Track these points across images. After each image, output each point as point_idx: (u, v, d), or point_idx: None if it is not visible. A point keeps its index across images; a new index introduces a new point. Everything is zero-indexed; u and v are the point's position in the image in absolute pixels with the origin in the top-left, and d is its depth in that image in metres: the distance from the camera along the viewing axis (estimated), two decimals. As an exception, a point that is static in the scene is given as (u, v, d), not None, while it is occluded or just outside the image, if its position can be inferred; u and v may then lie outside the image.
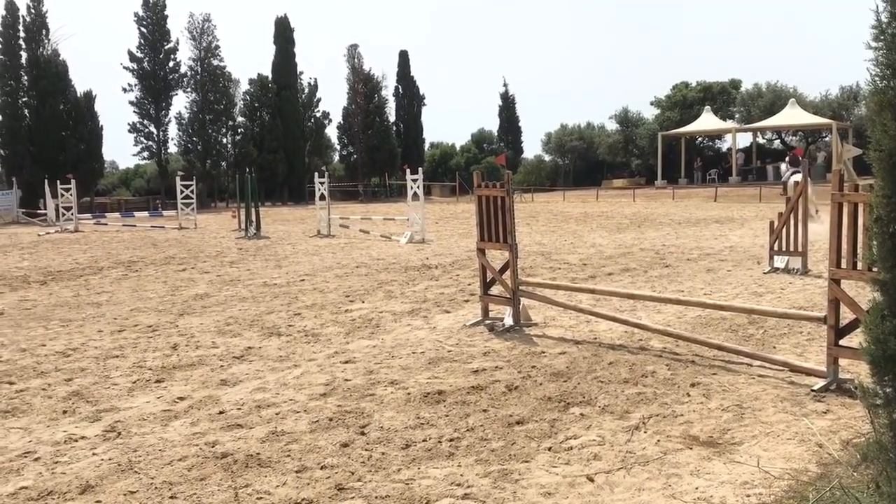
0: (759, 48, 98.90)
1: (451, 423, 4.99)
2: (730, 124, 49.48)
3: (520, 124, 67.82)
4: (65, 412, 5.57)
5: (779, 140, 52.99)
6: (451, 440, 4.68)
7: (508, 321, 7.87)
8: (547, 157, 63.57)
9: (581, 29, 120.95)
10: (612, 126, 59.60)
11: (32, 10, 46.94)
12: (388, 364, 6.62)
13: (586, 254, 14.46)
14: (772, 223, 11.62)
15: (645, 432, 4.72)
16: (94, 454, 4.65)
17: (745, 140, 51.06)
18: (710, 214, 24.53)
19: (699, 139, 53.18)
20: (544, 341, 7.28)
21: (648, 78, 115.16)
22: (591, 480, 4.04)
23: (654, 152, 48.55)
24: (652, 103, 56.85)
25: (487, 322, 8.07)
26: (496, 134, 68.91)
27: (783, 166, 32.01)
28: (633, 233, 18.83)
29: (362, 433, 4.85)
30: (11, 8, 46.12)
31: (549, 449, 4.51)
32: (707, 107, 48.92)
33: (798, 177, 29.71)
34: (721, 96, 53.15)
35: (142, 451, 4.67)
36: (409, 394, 5.67)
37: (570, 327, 7.87)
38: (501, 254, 10.27)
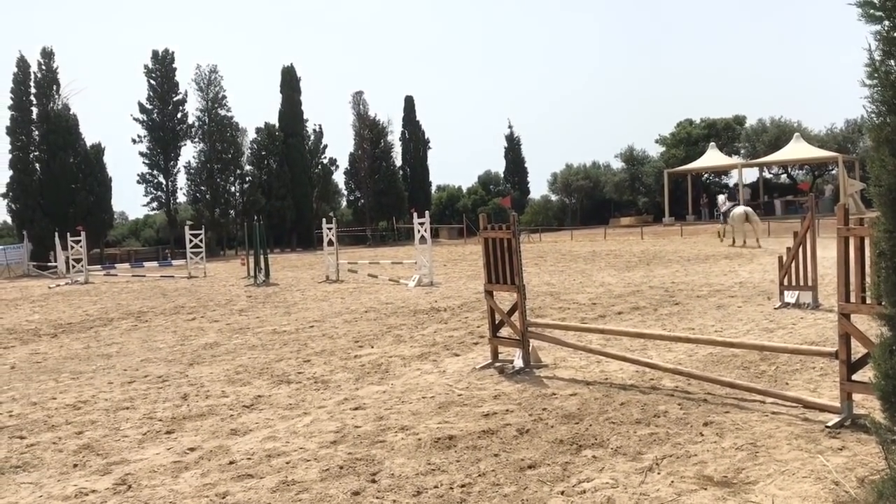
0: (763, 84, 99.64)
1: (463, 469, 4.95)
2: (735, 160, 49.70)
3: (525, 165, 68.29)
4: (75, 466, 5.55)
5: (785, 174, 53.11)
6: (463, 486, 4.64)
7: (518, 363, 7.84)
8: (554, 197, 63.84)
9: (584, 69, 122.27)
10: (617, 164, 59.97)
11: (43, 67, 47.84)
12: (398, 409, 6.59)
13: (595, 293, 14.43)
14: (781, 258, 11.60)
15: (658, 473, 4.67)
16: (104, 508, 4.63)
17: (751, 175, 51.20)
18: (718, 251, 24.49)
19: (705, 175, 53.36)
20: (555, 383, 7.24)
21: (653, 116, 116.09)
22: (606, 524, 3.99)
23: (661, 189, 48.70)
24: (657, 141, 57.25)
25: (497, 364, 8.04)
26: (502, 175, 69.34)
27: (721, 198, 33.15)
28: (642, 270, 18.80)
29: (373, 481, 4.82)
30: (23, 65, 47.03)
31: (562, 493, 4.46)
32: (712, 143, 49.19)
33: (739, 209, 31.22)
34: (726, 132, 53.47)
35: (153, 503, 4.64)
36: (419, 439, 5.63)
37: (581, 368, 7.83)
38: (510, 295, 10.27)
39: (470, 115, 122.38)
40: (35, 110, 47.25)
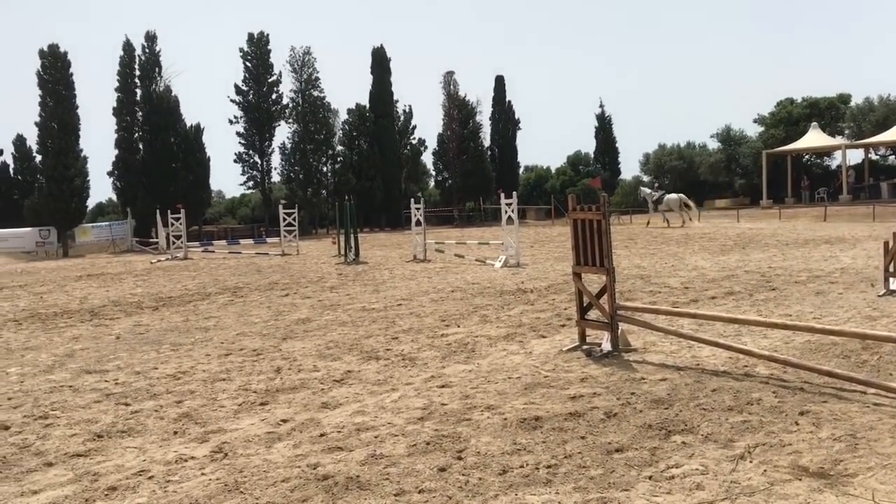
0: (870, 60, 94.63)
1: (549, 450, 4.94)
2: (839, 140, 47.42)
3: (617, 145, 67.01)
4: (175, 433, 5.81)
5: (894, 156, 50.42)
6: (549, 467, 4.64)
7: (606, 346, 7.75)
8: (646, 178, 62.46)
9: (679, 46, 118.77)
10: (713, 145, 58.18)
11: (147, 50, 49.71)
12: (483, 389, 6.62)
13: (688, 277, 14.09)
14: (886, 243, 11.05)
15: (750, 462, 4.55)
16: (202, 474, 4.83)
17: (856, 157, 48.80)
18: (819, 235, 23.51)
19: (806, 157, 51.20)
20: (644, 367, 7.13)
21: (751, 95, 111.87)
22: (694, 511, 3.92)
23: (759, 171, 47.02)
24: (755, 120, 55.25)
25: (584, 347, 7.97)
26: (592, 155, 68.28)
27: (646, 190, 34.79)
28: (738, 254, 18.24)
29: (459, 458, 4.87)
30: (128, 48, 49.00)
31: (650, 478, 4.40)
32: (814, 123, 47.05)
33: (673, 195, 33.65)
34: (829, 112, 51.08)
35: (247, 471, 4.82)
36: (505, 419, 5.65)
37: (671, 353, 7.68)
38: (598, 278, 10.14)
39: (560, 94, 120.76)
40: (139, 92, 49.25)
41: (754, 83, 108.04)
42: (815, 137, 46.01)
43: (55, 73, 44.03)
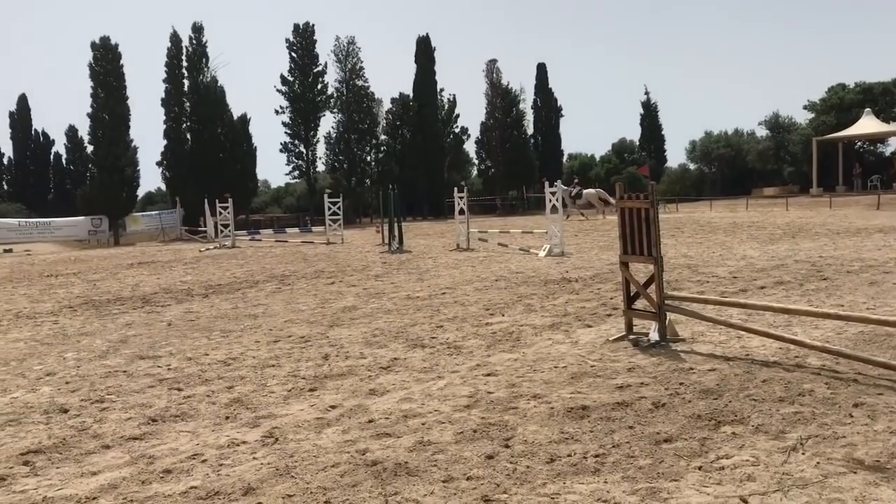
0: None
1: (596, 439, 4.93)
2: (894, 127, 46.12)
3: (662, 132, 66.22)
4: (227, 418, 5.93)
5: (951, 142, 48.92)
6: (597, 456, 4.63)
7: (654, 336, 7.69)
8: (692, 166, 61.65)
9: (726, 31, 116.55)
10: (761, 132, 57.19)
11: (194, 41, 50.43)
12: (529, 378, 6.62)
13: (736, 266, 13.89)
14: (944, 232, 10.74)
15: (803, 454, 4.49)
16: (254, 458, 4.93)
17: (911, 144, 47.47)
18: (872, 223, 22.95)
19: (858, 144, 49.96)
20: (692, 357, 7.06)
21: (801, 80, 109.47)
22: (745, 502, 3.89)
23: (808, 159, 46.03)
24: (805, 107, 54.13)
25: (631, 337, 7.92)
26: (637, 143, 67.54)
27: (562, 186, 35.25)
28: (787, 244, 17.91)
29: (506, 446, 4.89)
30: (176, 40, 49.75)
31: (700, 468, 4.37)
32: (867, 109, 45.86)
33: (591, 190, 35.77)
34: (883, 98, 49.75)
35: (297, 456, 4.91)
36: (552, 408, 5.65)
37: (720, 343, 7.59)
38: (645, 267, 10.05)
39: (604, 81, 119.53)
40: (186, 83, 50.01)
41: (805, 69, 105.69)
42: (868, 124, 44.85)
43: (106, 65, 44.93)
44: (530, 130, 62.66)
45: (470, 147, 64.32)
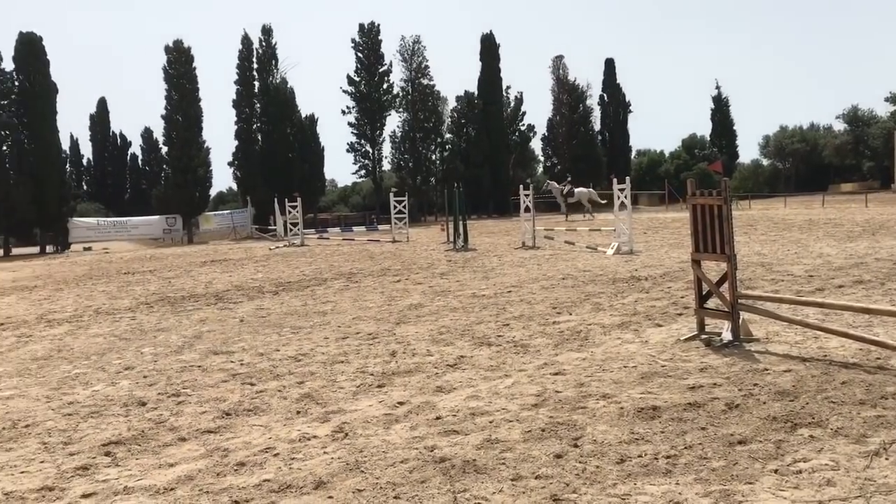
0: None
1: (668, 440, 4.85)
2: (982, 118, 44.06)
3: (734, 127, 64.65)
4: (298, 412, 6.04)
5: None
6: (668, 457, 4.55)
7: (727, 336, 7.51)
8: (765, 162, 60.09)
9: (801, 22, 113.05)
10: (839, 126, 55.38)
11: (264, 43, 51.45)
12: (598, 377, 6.55)
13: (812, 264, 13.46)
14: None
15: (886, 459, 4.32)
16: (324, 453, 5.00)
17: None
18: (958, 220, 21.95)
19: (944, 137, 47.83)
20: (767, 358, 6.87)
21: (882, 72, 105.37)
22: (825, 508, 3.76)
23: (890, 153, 44.32)
24: (887, 99, 52.12)
25: (703, 337, 7.75)
26: (708, 139, 66.10)
27: (555, 184, 34.82)
28: (867, 241, 17.27)
29: (575, 445, 4.84)
30: (247, 42, 50.86)
31: (776, 471, 4.25)
32: (953, 100, 43.87)
33: (583, 188, 35.53)
34: (970, 88, 47.49)
35: (367, 451, 4.96)
36: (621, 408, 5.58)
37: (796, 344, 7.37)
38: (717, 265, 9.85)
39: (673, 75, 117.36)
40: (257, 84, 51.08)
41: (886, 59, 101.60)
42: (954, 116, 42.92)
43: (179, 67, 46.24)
44: (597, 127, 62.01)
45: (536, 144, 64.04)
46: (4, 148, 41.72)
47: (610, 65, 62.61)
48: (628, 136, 62.63)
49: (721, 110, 64.37)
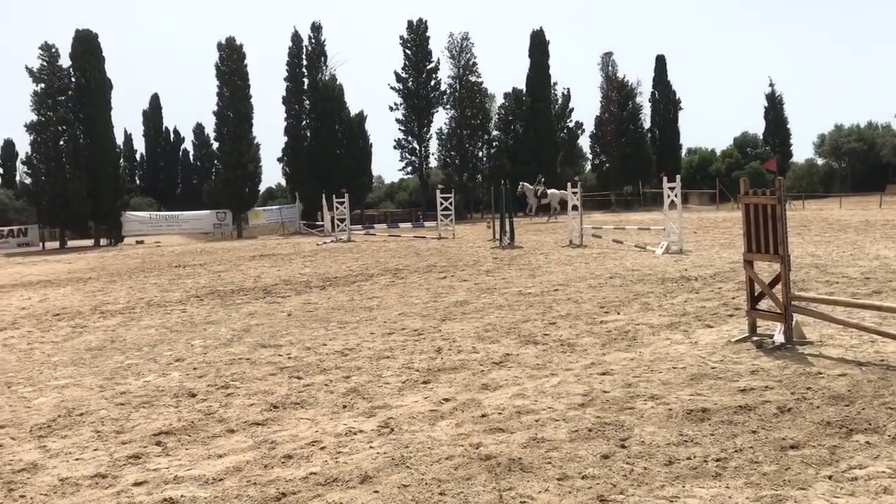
0: None
1: (717, 443, 4.76)
2: None
3: (788, 126, 63.31)
4: (344, 406, 6.08)
5: None
6: (718, 460, 4.47)
7: (779, 338, 7.35)
8: (820, 161, 58.73)
9: (858, 17, 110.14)
10: (898, 124, 53.68)
11: (313, 40, 51.93)
12: (647, 378, 6.46)
13: (869, 266, 13.10)
14: None
15: (947, 469, 4.18)
16: (370, 447, 5.03)
17: None
18: None
19: None
20: (821, 361, 6.70)
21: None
22: (882, 517, 3.66)
23: (951, 152, 42.90)
24: (949, 97, 50.44)
25: (755, 339, 7.60)
26: (761, 137, 64.85)
27: (528, 185, 34.10)
28: (926, 243, 16.75)
29: (623, 446, 4.78)
30: (297, 39, 51.39)
31: (830, 477, 4.14)
32: None
33: (555, 190, 34.89)
34: None
35: (412, 447, 4.97)
36: (670, 409, 5.49)
37: (852, 347, 7.18)
38: (770, 266, 9.66)
39: (725, 73, 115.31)
40: (306, 81, 51.59)
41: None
42: None
43: (231, 64, 46.93)
44: (647, 124, 61.28)
45: (584, 142, 63.53)
46: (61, 143, 42.80)
47: (660, 61, 61.81)
48: (679, 134, 61.77)
49: (775, 108, 63.10)
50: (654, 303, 10.50)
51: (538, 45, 57.25)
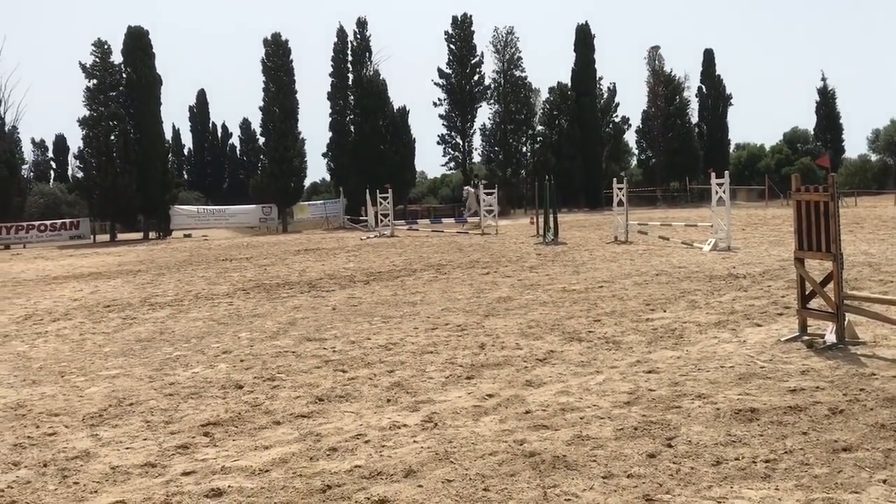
0: None
1: (767, 444, 4.67)
2: None
3: (840, 121, 61.81)
4: (388, 401, 6.11)
5: None
6: (767, 461, 4.39)
7: (830, 338, 7.19)
8: (873, 157, 57.23)
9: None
10: (957, 119, 52.08)
11: (358, 35, 52.20)
12: (693, 377, 6.37)
13: (924, 265, 12.74)
14: None
15: None
16: (414, 441, 5.04)
17: None
18: None
19: None
20: (874, 362, 6.54)
21: None
22: (940, 524, 3.55)
23: None
24: None
25: (805, 338, 7.44)
26: (812, 132, 63.47)
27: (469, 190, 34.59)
28: None
29: (669, 445, 4.72)
30: (341, 34, 51.70)
31: (884, 481, 4.04)
32: None
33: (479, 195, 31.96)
34: None
35: (456, 442, 4.97)
36: (718, 409, 5.41)
37: (907, 348, 6.99)
38: (821, 264, 9.45)
39: (775, 67, 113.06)
40: (351, 76, 51.87)
41: None
42: None
43: (277, 60, 47.38)
44: (695, 119, 60.39)
45: (630, 137, 62.89)
46: (112, 138, 43.69)
47: (708, 55, 60.83)
48: (727, 130, 60.73)
49: (827, 102, 61.71)
50: (702, 300, 10.35)
51: (583, 39, 56.75)
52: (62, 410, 6.33)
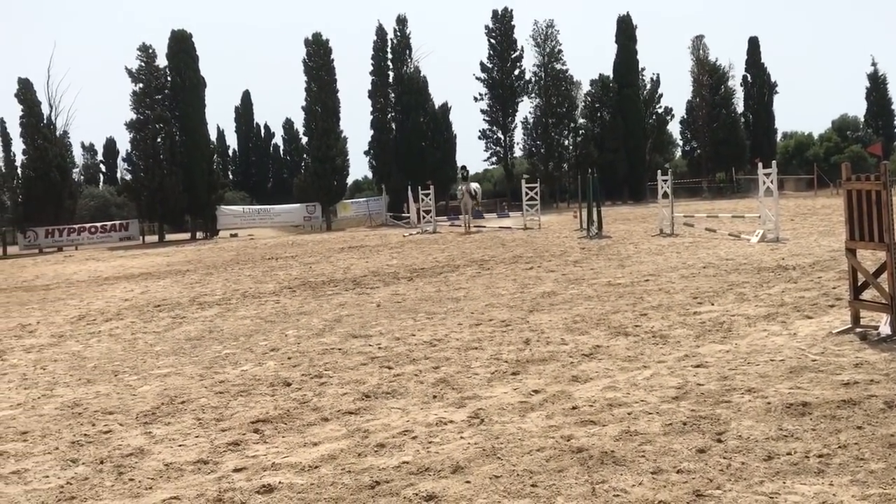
0: None
1: (820, 438, 4.59)
2: None
3: (893, 107, 60.18)
4: (434, 397, 6.13)
5: None
6: (821, 456, 4.31)
7: (885, 330, 7.02)
8: (926, 144, 55.54)
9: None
10: None
11: (398, 33, 52.39)
12: (743, 371, 6.28)
13: (983, 254, 12.35)
14: None
15: None
16: (461, 437, 5.06)
17: None
18: None
19: None
20: (931, 354, 6.37)
21: None
22: None
23: None
24: None
25: (858, 330, 7.28)
26: (862, 119, 61.94)
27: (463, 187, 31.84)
28: None
29: (719, 440, 4.66)
30: (381, 33, 51.95)
31: (944, 478, 3.93)
32: None
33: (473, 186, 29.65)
34: None
35: (503, 438, 4.97)
36: (768, 403, 5.32)
37: (965, 339, 6.79)
38: (874, 254, 9.24)
39: (822, 53, 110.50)
40: (391, 74, 52.08)
41: None
42: None
43: (318, 59, 47.79)
44: (740, 108, 59.37)
45: (674, 128, 62.08)
46: (159, 140, 44.51)
47: (753, 43, 59.71)
48: (774, 118, 59.58)
49: (877, 89, 60.19)
50: (750, 293, 10.18)
51: (625, 31, 56.16)
52: (116, 409, 6.48)
